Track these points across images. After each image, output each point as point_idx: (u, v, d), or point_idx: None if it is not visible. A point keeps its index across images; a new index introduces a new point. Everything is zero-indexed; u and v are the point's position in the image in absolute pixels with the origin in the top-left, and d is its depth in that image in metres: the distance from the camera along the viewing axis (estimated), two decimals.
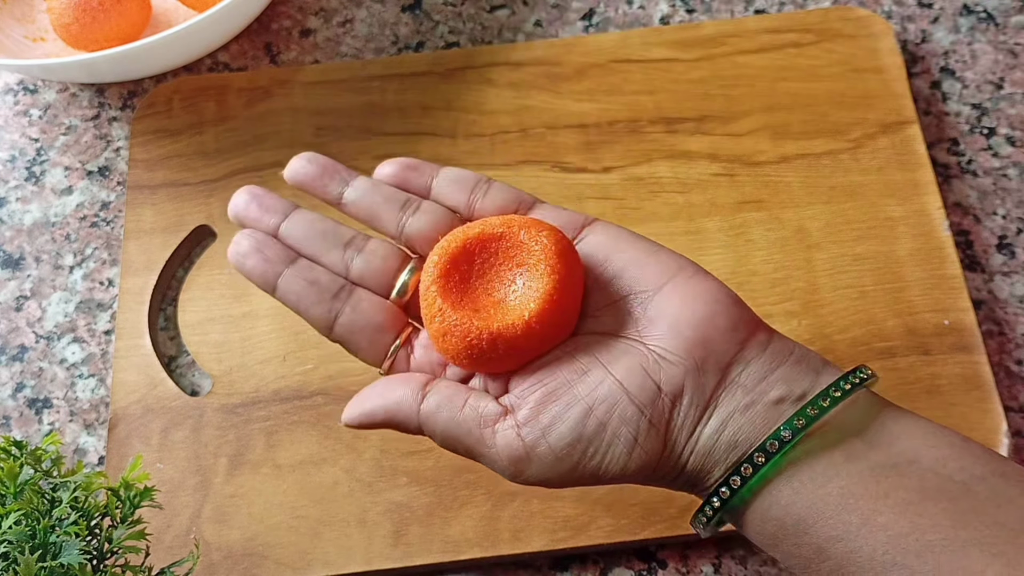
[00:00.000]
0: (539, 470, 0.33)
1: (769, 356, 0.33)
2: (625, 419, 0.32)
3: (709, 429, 0.32)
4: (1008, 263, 0.52)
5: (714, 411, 0.32)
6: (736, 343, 0.33)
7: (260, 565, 0.45)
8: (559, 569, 0.46)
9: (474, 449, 0.34)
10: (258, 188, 0.39)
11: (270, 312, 0.52)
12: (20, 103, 0.62)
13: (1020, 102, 0.57)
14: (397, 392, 0.35)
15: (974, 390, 0.47)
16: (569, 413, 0.33)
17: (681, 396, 0.32)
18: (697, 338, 0.33)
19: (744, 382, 0.32)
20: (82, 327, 0.54)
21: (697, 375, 0.32)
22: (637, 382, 0.33)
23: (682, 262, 0.35)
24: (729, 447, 0.32)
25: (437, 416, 0.34)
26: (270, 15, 0.63)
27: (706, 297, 0.34)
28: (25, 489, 0.36)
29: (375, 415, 0.35)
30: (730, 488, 0.32)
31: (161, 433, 0.49)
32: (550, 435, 0.33)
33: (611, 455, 0.32)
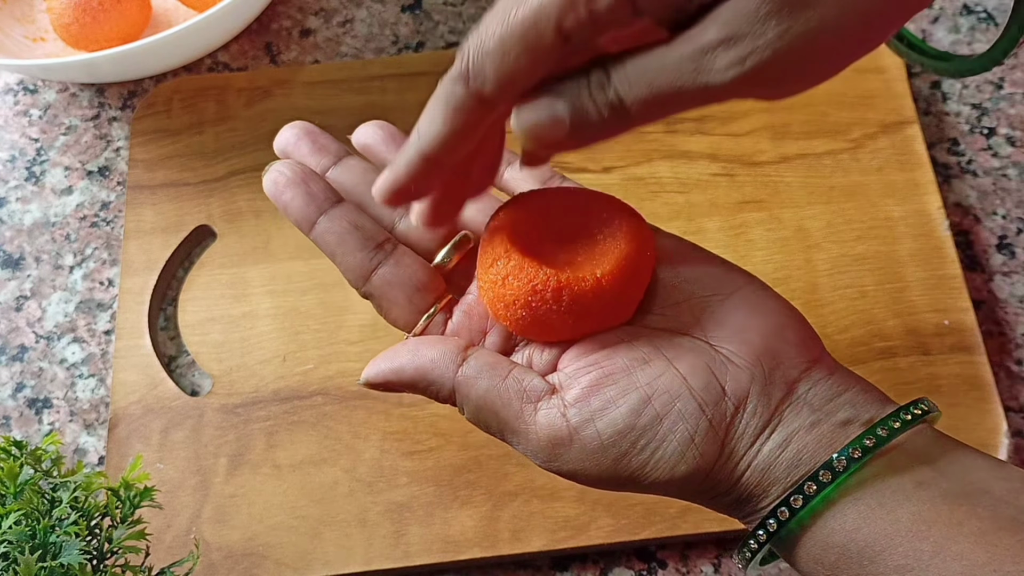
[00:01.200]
0: (578, 457, 0.30)
1: (837, 379, 0.31)
2: (684, 415, 0.30)
3: (771, 444, 0.30)
4: (1008, 263, 0.52)
5: (778, 426, 0.30)
6: (804, 361, 0.31)
7: (260, 565, 0.45)
8: (559, 569, 0.46)
9: (509, 424, 0.31)
10: (310, 125, 0.36)
11: (270, 312, 0.52)
12: (20, 103, 0.62)
13: (1020, 102, 0.57)
14: (433, 350, 0.32)
15: (974, 390, 0.47)
16: (625, 399, 0.30)
17: (746, 403, 0.30)
18: (766, 347, 0.31)
19: (811, 400, 0.30)
20: (82, 327, 0.54)
21: (764, 384, 0.30)
22: (702, 380, 0.30)
23: (751, 276, 0.33)
24: (791, 465, 0.30)
25: (476, 382, 0.31)
26: (270, 15, 0.63)
27: (777, 310, 0.32)
28: (25, 489, 0.36)
29: (403, 371, 0.32)
30: (790, 508, 0.29)
31: (161, 433, 0.49)
32: (600, 420, 0.30)
33: (662, 452, 0.30)
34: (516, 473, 0.47)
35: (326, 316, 0.51)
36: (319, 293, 0.52)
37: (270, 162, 0.35)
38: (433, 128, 0.29)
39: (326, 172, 0.36)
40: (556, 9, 0.25)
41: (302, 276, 0.53)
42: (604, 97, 0.27)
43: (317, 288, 0.52)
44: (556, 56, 0.26)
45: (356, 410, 0.49)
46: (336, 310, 0.52)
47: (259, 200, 0.55)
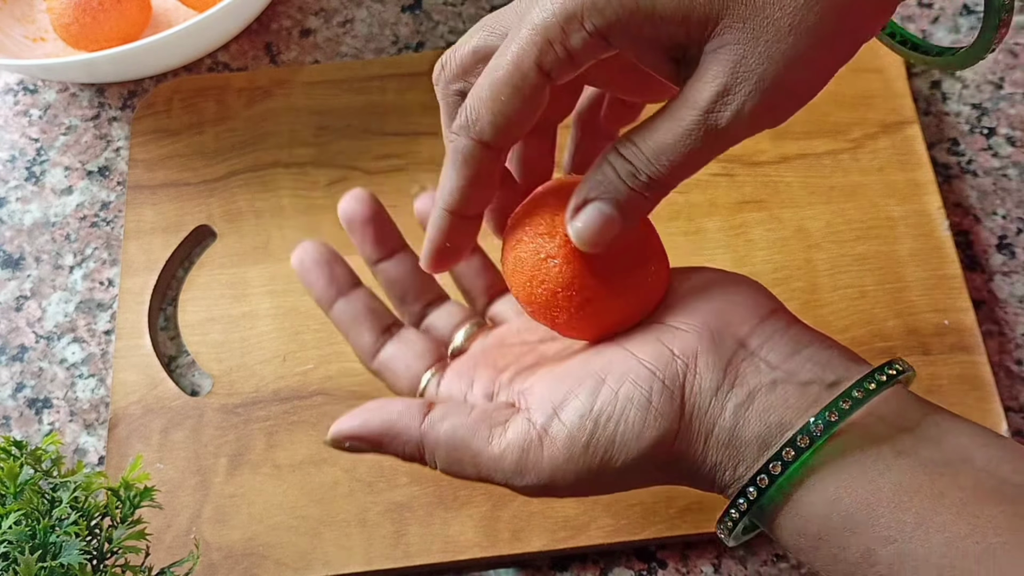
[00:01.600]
0: (550, 457, 0.31)
1: (794, 335, 0.31)
2: (637, 382, 0.31)
3: (734, 400, 0.30)
4: (1008, 263, 0.52)
5: (736, 382, 0.30)
6: (755, 317, 0.31)
7: (260, 565, 0.45)
8: (559, 569, 0.46)
9: (482, 454, 0.32)
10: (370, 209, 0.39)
11: (270, 312, 0.52)
12: (20, 103, 0.62)
13: (1020, 102, 0.57)
14: (399, 404, 0.34)
15: (974, 390, 0.47)
16: (581, 387, 0.31)
17: (696, 360, 0.31)
18: (711, 310, 0.32)
19: (767, 357, 0.30)
20: (82, 327, 0.54)
21: (711, 341, 0.31)
22: (650, 350, 0.31)
23: (710, 268, 0.35)
24: (761, 429, 0.30)
25: (442, 423, 0.33)
26: (270, 15, 0.63)
27: (724, 281, 0.33)
28: (25, 489, 0.36)
29: (369, 425, 0.34)
30: (769, 475, 0.29)
31: (161, 433, 0.49)
32: (562, 411, 0.31)
33: (625, 424, 0.30)
34: None
35: (326, 316, 0.51)
36: None
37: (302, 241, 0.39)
38: (450, 184, 0.31)
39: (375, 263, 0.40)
40: (535, 50, 0.28)
41: None
42: (639, 181, 0.30)
43: None
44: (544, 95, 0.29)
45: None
46: None
47: (259, 200, 0.55)
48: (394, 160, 0.56)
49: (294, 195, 0.55)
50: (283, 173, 0.56)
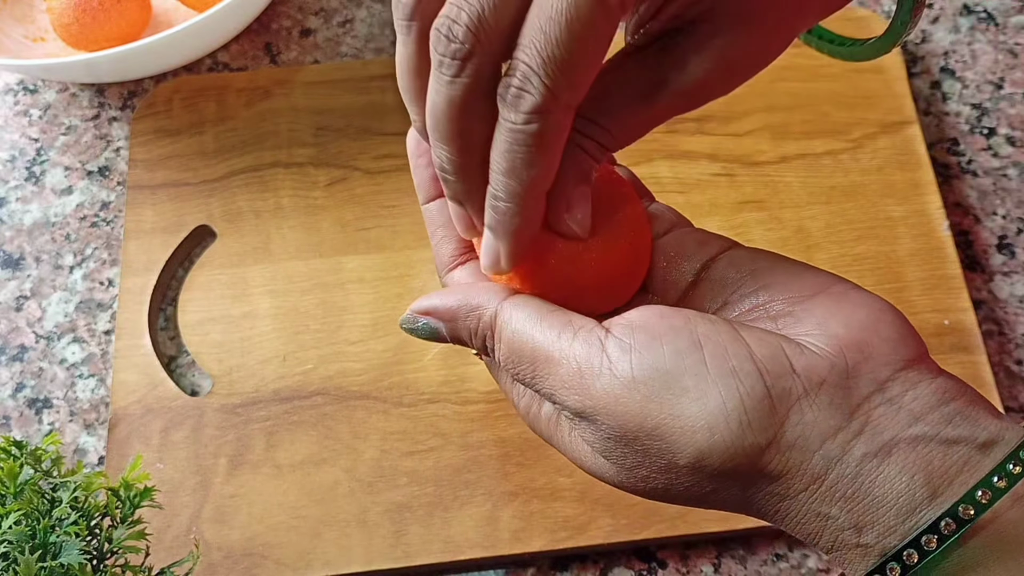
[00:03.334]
0: (604, 390, 0.26)
1: (941, 386, 0.26)
2: (738, 373, 0.25)
3: (864, 448, 0.25)
4: (1008, 263, 0.52)
5: (870, 427, 0.25)
6: (901, 359, 0.26)
7: (260, 565, 0.45)
8: (559, 569, 0.46)
9: (542, 350, 0.27)
10: None
11: (270, 312, 0.52)
12: (20, 103, 0.62)
13: (1020, 102, 0.57)
14: (481, 286, 0.30)
15: None
16: (673, 340, 0.26)
17: (819, 389, 0.25)
18: (851, 339, 0.26)
19: (911, 406, 0.25)
20: (82, 327, 0.54)
21: (845, 376, 0.26)
22: (768, 351, 0.26)
23: (840, 278, 0.29)
24: (902, 490, 0.25)
25: (521, 309, 0.28)
26: (270, 15, 0.63)
27: (868, 305, 0.27)
28: (25, 489, 0.36)
29: (447, 299, 0.29)
30: (920, 550, 0.24)
31: (161, 433, 0.49)
32: (639, 352, 0.26)
33: (700, 405, 0.25)
34: (516, 473, 0.47)
35: (326, 316, 0.51)
36: (319, 293, 0.52)
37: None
38: (536, 169, 0.26)
39: None
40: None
41: (302, 276, 0.53)
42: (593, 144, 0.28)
43: (317, 288, 0.52)
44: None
45: (356, 410, 0.49)
46: (336, 310, 0.52)
47: (259, 200, 0.55)
48: (394, 160, 0.56)
49: (294, 195, 0.55)
50: (283, 173, 0.56)
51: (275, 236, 0.54)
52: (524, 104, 0.24)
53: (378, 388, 0.49)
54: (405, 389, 0.49)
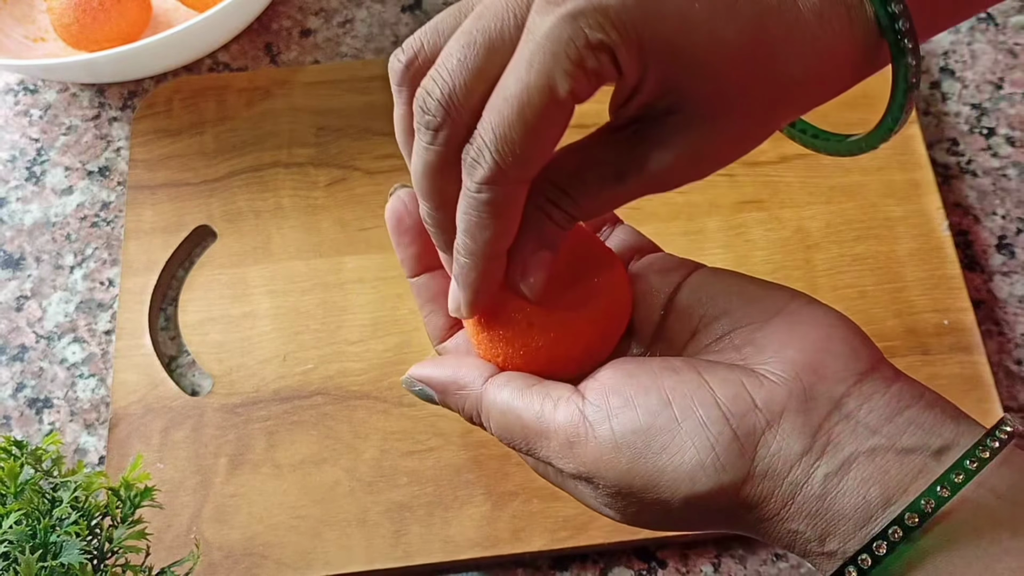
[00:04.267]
0: (594, 456, 0.28)
1: (896, 395, 0.28)
2: (706, 422, 0.27)
3: (825, 468, 0.27)
4: (1007, 263, 0.52)
5: (828, 447, 0.27)
6: (854, 373, 0.28)
7: (260, 565, 0.45)
8: (559, 569, 0.46)
9: (531, 427, 0.30)
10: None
11: (270, 312, 0.52)
12: (20, 103, 0.62)
13: (1020, 102, 0.57)
14: (472, 361, 0.32)
15: (973, 390, 0.47)
16: (644, 399, 0.28)
17: (780, 419, 0.27)
18: (806, 361, 0.28)
19: (866, 420, 0.27)
20: (82, 327, 0.54)
21: (803, 400, 0.27)
22: (730, 391, 0.28)
23: (795, 294, 0.31)
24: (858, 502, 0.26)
25: (503, 389, 0.31)
26: (270, 15, 0.63)
27: (820, 322, 0.29)
28: (26, 489, 0.36)
29: (438, 373, 0.32)
30: (872, 556, 0.26)
31: (161, 433, 0.49)
32: (616, 417, 0.28)
33: (680, 460, 0.27)
34: (516, 473, 0.47)
35: (326, 316, 0.51)
36: (319, 293, 0.52)
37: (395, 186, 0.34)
38: (489, 232, 0.28)
39: None
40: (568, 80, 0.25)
41: (302, 276, 0.53)
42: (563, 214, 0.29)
43: (317, 288, 0.52)
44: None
45: (356, 410, 0.49)
46: (336, 310, 0.52)
47: (259, 200, 0.55)
48: (394, 160, 0.56)
49: (294, 195, 0.55)
50: (283, 173, 0.56)
51: (275, 236, 0.54)
52: (477, 174, 0.27)
53: (378, 388, 0.49)
54: (405, 389, 0.49)
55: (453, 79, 0.26)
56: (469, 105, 0.27)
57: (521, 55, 0.26)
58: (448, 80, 0.27)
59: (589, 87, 0.26)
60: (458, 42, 0.27)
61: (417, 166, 0.28)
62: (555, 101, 0.25)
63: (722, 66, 0.27)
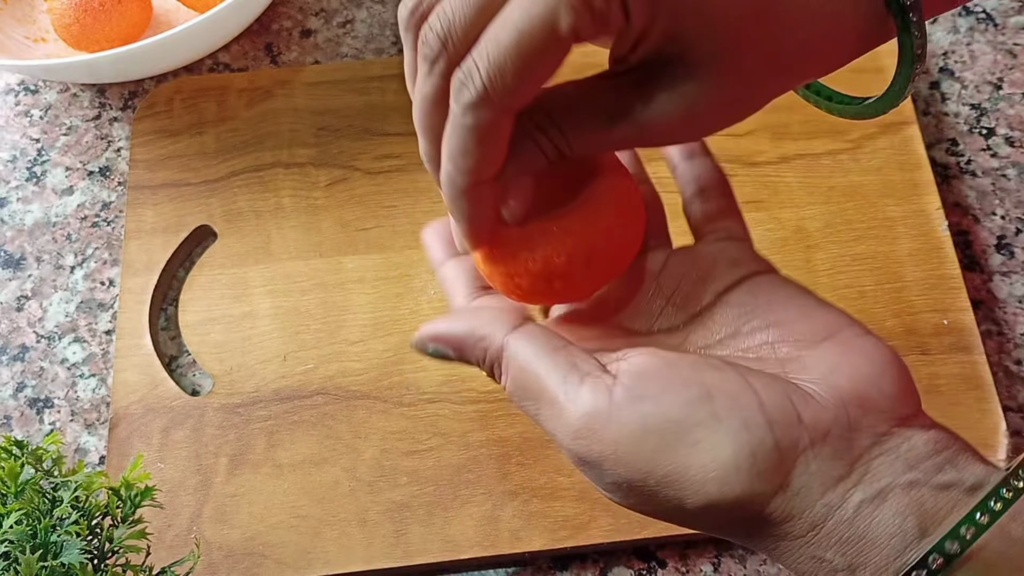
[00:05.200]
0: (612, 438, 0.27)
1: (933, 438, 0.27)
2: (749, 425, 0.26)
3: (861, 495, 0.26)
4: (1007, 263, 0.52)
5: (866, 475, 0.26)
6: (897, 416, 0.28)
7: (261, 564, 0.45)
8: (559, 569, 0.46)
9: (548, 392, 0.28)
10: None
11: (270, 312, 0.52)
12: (21, 103, 0.62)
13: (1019, 102, 0.57)
14: (491, 311, 0.31)
15: (973, 390, 0.47)
16: (684, 390, 0.27)
17: (823, 442, 0.27)
18: (854, 393, 0.27)
19: (905, 456, 0.27)
20: (83, 327, 0.54)
21: (847, 429, 0.27)
22: (776, 400, 0.27)
23: (852, 321, 0.30)
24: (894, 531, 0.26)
25: (529, 342, 0.29)
26: (270, 16, 0.63)
27: (872, 357, 0.29)
28: (26, 489, 0.36)
29: (455, 326, 0.31)
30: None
31: (162, 433, 0.49)
32: (649, 402, 0.27)
33: (712, 456, 0.26)
34: (516, 473, 0.47)
35: (326, 316, 0.52)
36: (319, 293, 0.52)
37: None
38: (471, 158, 0.28)
39: None
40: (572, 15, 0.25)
41: (302, 276, 0.53)
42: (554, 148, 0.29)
43: (317, 288, 0.52)
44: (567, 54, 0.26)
45: (356, 410, 0.49)
46: (336, 310, 0.52)
47: (259, 200, 0.55)
48: (394, 160, 0.56)
49: (294, 195, 0.55)
50: (283, 173, 0.56)
51: (275, 236, 0.54)
52: (463, 97, 0.26)
53: (378, 388, 0.49)
54: (405, 389, 0.49)
55: (454, 11, 0.26)
56: (467, 38, 0.26)
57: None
58: (449, 13, 0.26)
59: (592, 28, 0.26)
60: None
61: (416, 99, 0.28)
62: (555, 35, 0.25)
63: (730, 21, 0.26)
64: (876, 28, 0.28)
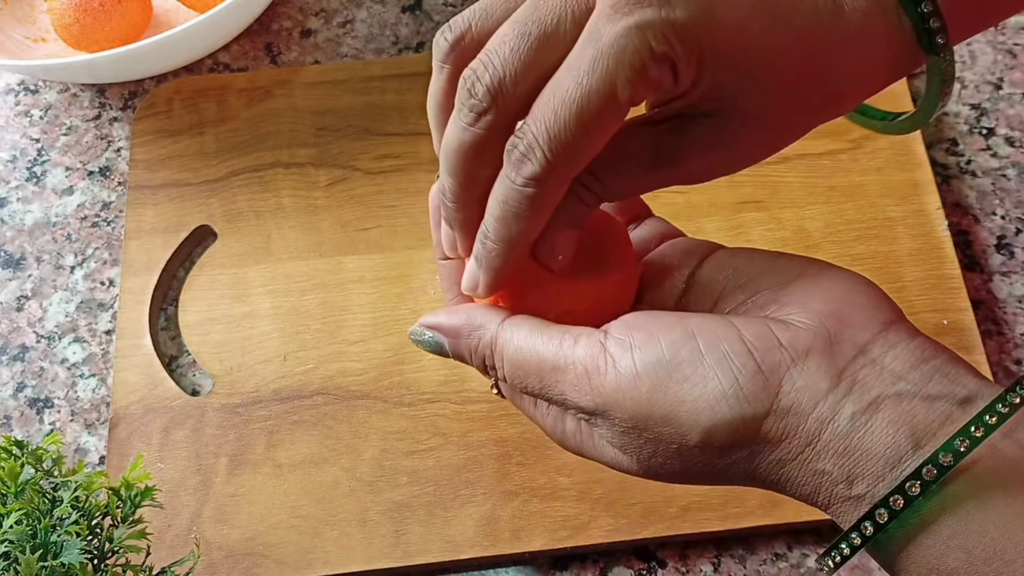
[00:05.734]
0: (613, 386, 0.28)
1: (919, 346, 0.28)
2: (730, 355, 0.27)
3: (853, 406, 0.27)
4: (1007, 263, 0.52)
5: (854, 387, 0.27)
6: (878, 322, 0.28)
7: (261, 564, 0.46)
8: (559, 569, 0.46)
9: (547, 361, 0.29)
10: None
11: (270, 312, 0.52)
12: (21, 103, 0.62)
13: (1019, 102, 0.57)
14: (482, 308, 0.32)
15: None
16: (668, 333, 0.28)
17: (806, 358, 0.27)
18: (830, 311, 0.28)
19: (891, 366, 0.27)
20: (83, 327, 0.54)
21: (828, 343, 0.28)
22: (756, 330, 0.28)
23: (816, 260, 0.31)
24: (888, 442, 0.26)
25: (519, 327, 0.30)
26: (270, 16, 0.63)
27: (842, 279, 0.30)
28: (26, 489, 0.36)
29: (451, 317, 0.32)
30: (906, 496, 0.26)
31: (162, 433, 0.49)
32: (638, 349, 0.28)
33: (701, 390, 0.27)
34: (516, 473, 0.47)
35: (326, 316, 0.52)
36: (319, 293, 0.52)
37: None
38: (525, 223, 0.29)
39: None
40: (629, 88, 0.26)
41: (302, 276, 0.53)
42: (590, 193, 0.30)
43: (317, 288, 0.52)
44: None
45: (356, 410, 0.49)
46: (336, 310, 0.52)
47: (259, 200, 0.55)
48: (394, 160, 0.56)
49: (294, 195, 0.55)
50: (283, 173, 0.56)
51: (275, 236, 0.54)
52: (525, 170, 0.27)
53: (378, 388, 0.50)
54: (405, 389, 0.49)
55: (504, 67, 0.27)
56: (516, 95, 0.27)
57: (582, 58, 0.26)
58: (500, 68, 0.27)
59: (647, 93, 0.27)
60: (513, 30, 0.27)
61: (452, 143, 0.29)
62: (614, 107, 0.26)
63: (773, 76, 0.28)
64: (906, 57, 0.29)
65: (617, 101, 0.26)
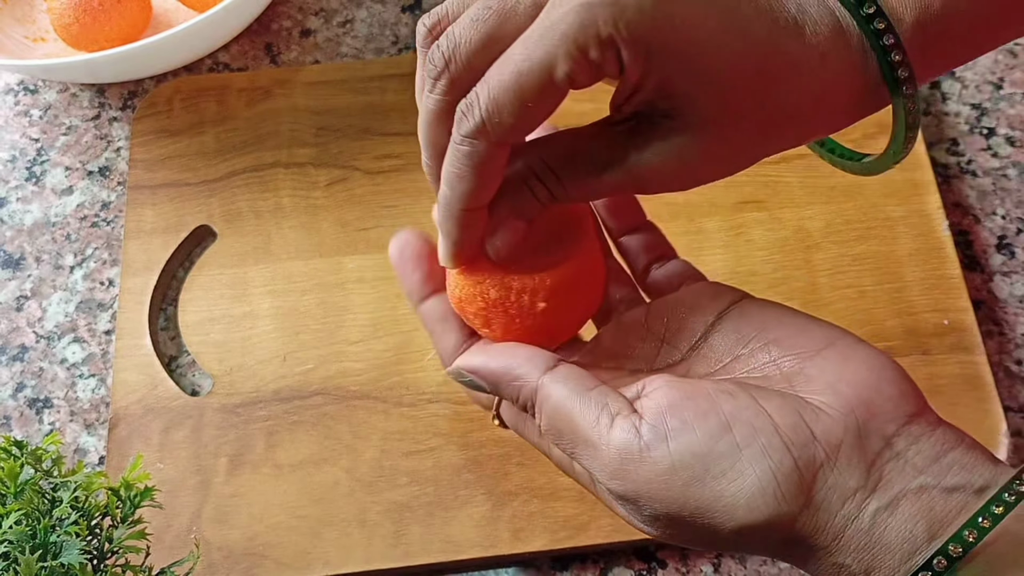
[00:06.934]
0: (646, 477, 0.28)
1: (940, 438, 0.29)
2: (768, 450, 0.28)
3: (876, 504, 0.27)
4: (1007, 263, 0.52)
5: (879, 484, 0.28)
6: (903, 415, 0.29)
7: (260, 565, 0.45)
8: (559, 569, 0.46)
9: (582, 433, 0.30)
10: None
11: (270, 312, 0.52)
12: (21, 103, 0.62)
13: (1020, 102, 0.57)
14: (527, 351, 0.32)
15: (974, 390, 0.47)
16: (703, 423, 0.28)
17: (838, 453, 0.28)
18: (859, 398, 0.29)
19: (914, 460, 0.28)
20: (82, 327, 0.54)
21: (858, 435, 0.28)
22: (790, 420, 0.28)
23: (844, 331, 0.32)
24: (905, 536, 0.27)
25: (561, 386, 0.30)
26: (270, 15, 0.63)
27: (871, 363, 0.30)
28: (26, 489, 0.36)
29: (490, 364, 0.32)
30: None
31: (161, 433, 0.49)
32: (673, 439, 0.28)
33: (739, 487, 0.28)
34: (516, 473, 0.47)
35: (326, 316, 0.52)
36: (319, 293, 0.52)
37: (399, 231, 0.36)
38: (466, 184, 0.30)
39: None
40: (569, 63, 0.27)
41: (302, 276, 0.53)
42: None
43: (317, 288, 0.52)
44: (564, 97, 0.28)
45: (356, 410, 0.49)
46: (336, 310, 0.52)
47: (259, 200, 0.55)
48: (394, 160, 0.56)
49: (294, 195, 0.55)
50: (283, 173, 0.56)
51: (275, 236, 0.54)
52: (463, 126, 0.29)
53: (378, 388, 0.49)
54: (405, 389, 0.49)
55: (461, 35, 0.28)
56: (471, 63, 0.29)
57: (532, 30, 0.27)
58: (457, 36, 0.29)
59: (588, 76, 0.27)
60: (475, 7, 0.29)
61: (421, 114, 0.31)
62: (551, 80, 0.27)
63: (725, 82, 0.28)
64: (871, 96, 0.30)
65: (554, 75, 0.27)
